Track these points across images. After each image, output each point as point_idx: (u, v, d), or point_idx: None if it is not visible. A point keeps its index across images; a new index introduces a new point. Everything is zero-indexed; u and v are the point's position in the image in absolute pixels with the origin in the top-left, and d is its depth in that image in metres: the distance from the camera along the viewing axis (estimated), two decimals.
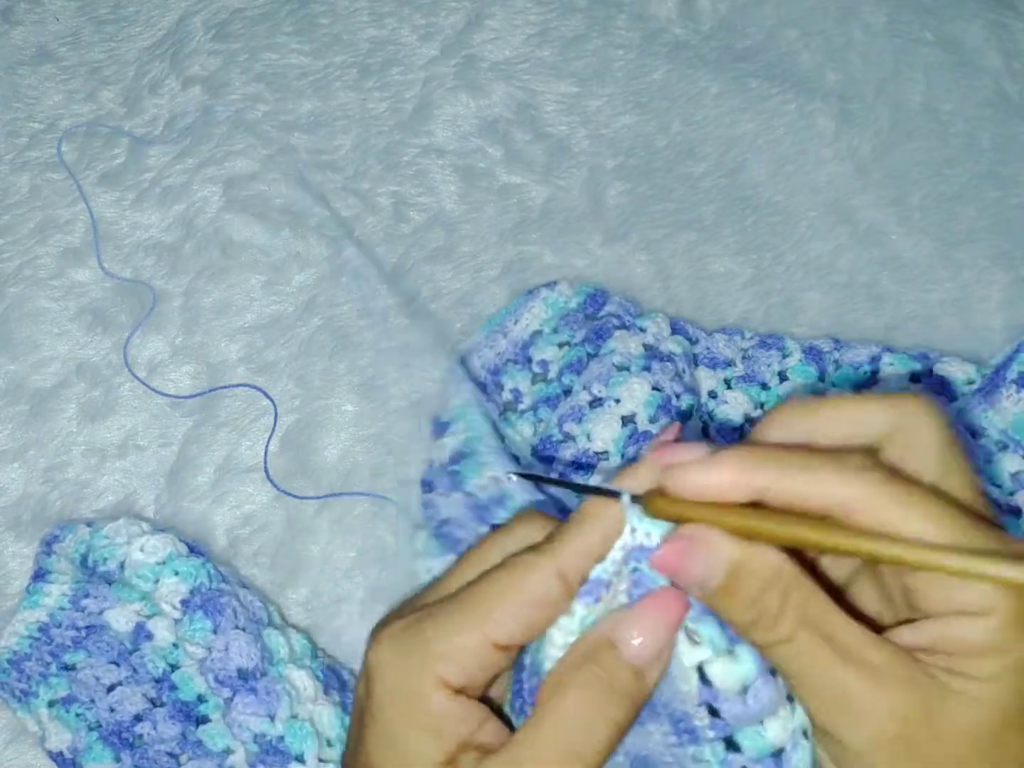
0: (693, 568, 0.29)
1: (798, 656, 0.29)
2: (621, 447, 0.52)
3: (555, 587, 0.31)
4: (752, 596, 0.29)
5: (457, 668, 0.30)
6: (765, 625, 0.29)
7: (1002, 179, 0.64)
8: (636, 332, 0.55)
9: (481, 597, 0.31)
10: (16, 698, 0.49)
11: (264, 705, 0.46)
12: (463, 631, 0.31)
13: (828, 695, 0.29)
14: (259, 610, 0.50)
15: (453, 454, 0.52)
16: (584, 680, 0.30)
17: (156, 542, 0.48)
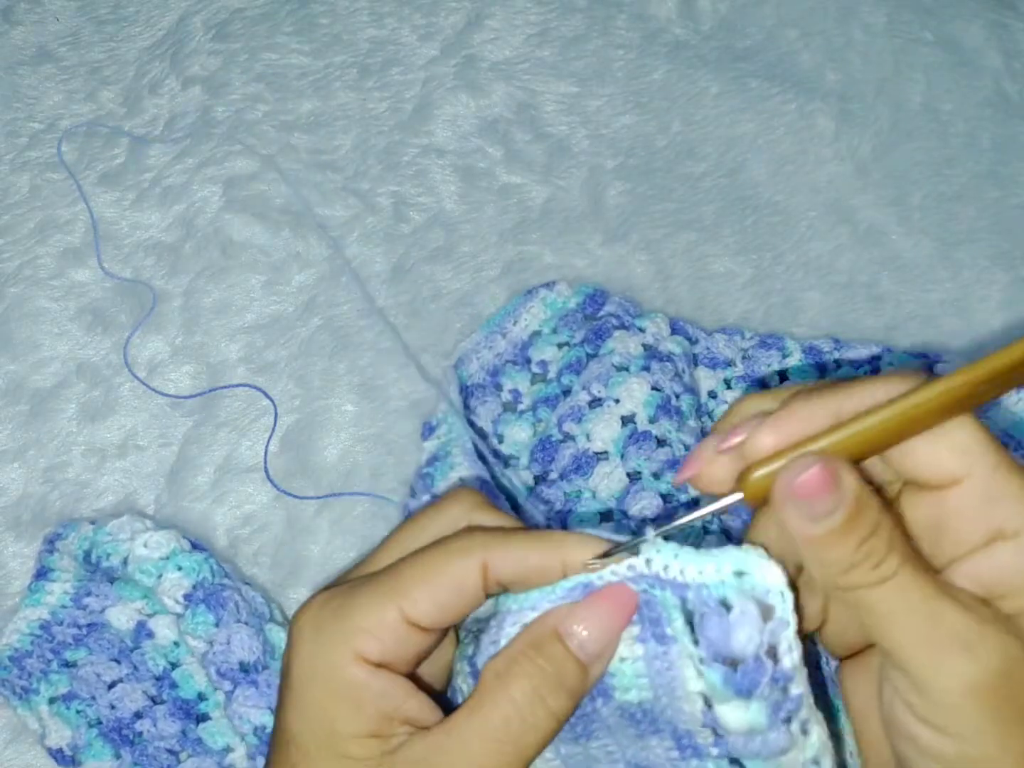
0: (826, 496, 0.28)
1: (901, 594, 0.28)
2: (621, 447, 0.52)
3: (476, 577, 0.31)
4: (865, 534, 0.28)
5: (374, 642, 0.31)
6: (871, 564, 0.28)
7: (1002, 179, 0.64)
8: (635, 332, 0.55)
9: (402, 575, 0.31)
10: (17, 695, 0.49)
11: (265, 698, 0.46)
12: (380, 606, 0.31)
13: (930, 633, 0.28)
14: (261, 605, 0.50)
15: (429, 457, 0.52)
16: (529, 670, 0.30)
17: (159, 538, 0.49)
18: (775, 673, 0.30)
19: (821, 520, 0.28)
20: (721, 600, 0.29)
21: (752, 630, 0.29)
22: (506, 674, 0.30)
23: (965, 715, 0.28)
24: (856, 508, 0.28)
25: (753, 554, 0.30)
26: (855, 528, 0.28)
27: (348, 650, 0.31)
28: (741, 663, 0.29)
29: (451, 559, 0.31)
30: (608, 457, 0.52)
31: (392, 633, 0.31)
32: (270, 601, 0.51)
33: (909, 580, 0.29)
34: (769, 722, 0.30)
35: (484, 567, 0.31)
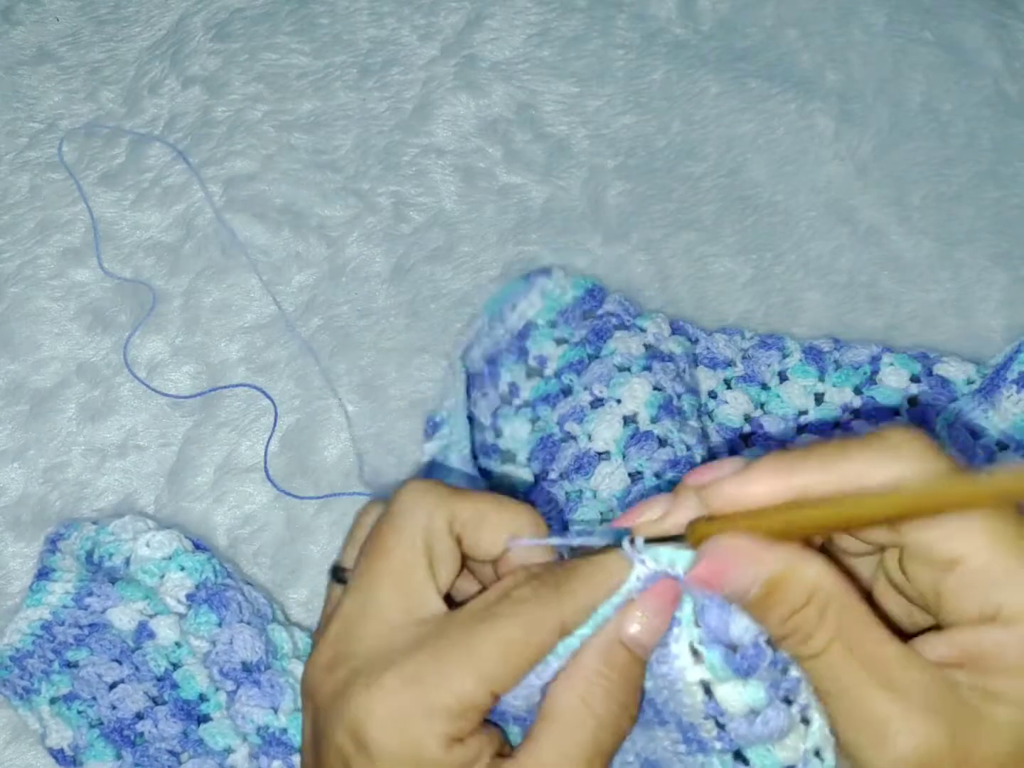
0: (730, 582, 0.29)
1: (829, 671, 0.29)
2: (622, 447, 0.52)
3: (554, 640, 0.31)
4: (788, 611, 0.28)
5: (462, 721, 0.30)
6: (799, 639, 0.29)
7: (1002, 179, 0.64)
8: (636, 332, 0.55)
9: (483, 646, 0.30)
10: (18, 695, 0.49)
11: (268, 697, 0.46)
12: (465, 682, 0.30)
13: (856, 715, 0.28)
14: (263, 605, 0.50)
15: (429, 460, 0.52)
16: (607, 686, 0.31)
17: (162, 538, 0.49)
18: (775, 658, 0.30)
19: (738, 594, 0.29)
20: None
21: (751, 619, 0.30)
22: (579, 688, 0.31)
23: None
24: (768, 590, 0.28)
25: None
26: (776, 604, 0.29)
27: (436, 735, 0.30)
28: (740, 648, 0.30)
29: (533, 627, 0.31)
30: (610, 457, 0.52)
31: (477, 710, 0.30)
32: (272, 601, 0.51)
33: (838, 662, 0.28)
34: (768, 698, 0.30)
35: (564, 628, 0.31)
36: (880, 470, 0.28)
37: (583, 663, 0.31)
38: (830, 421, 0.55)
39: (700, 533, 0.30)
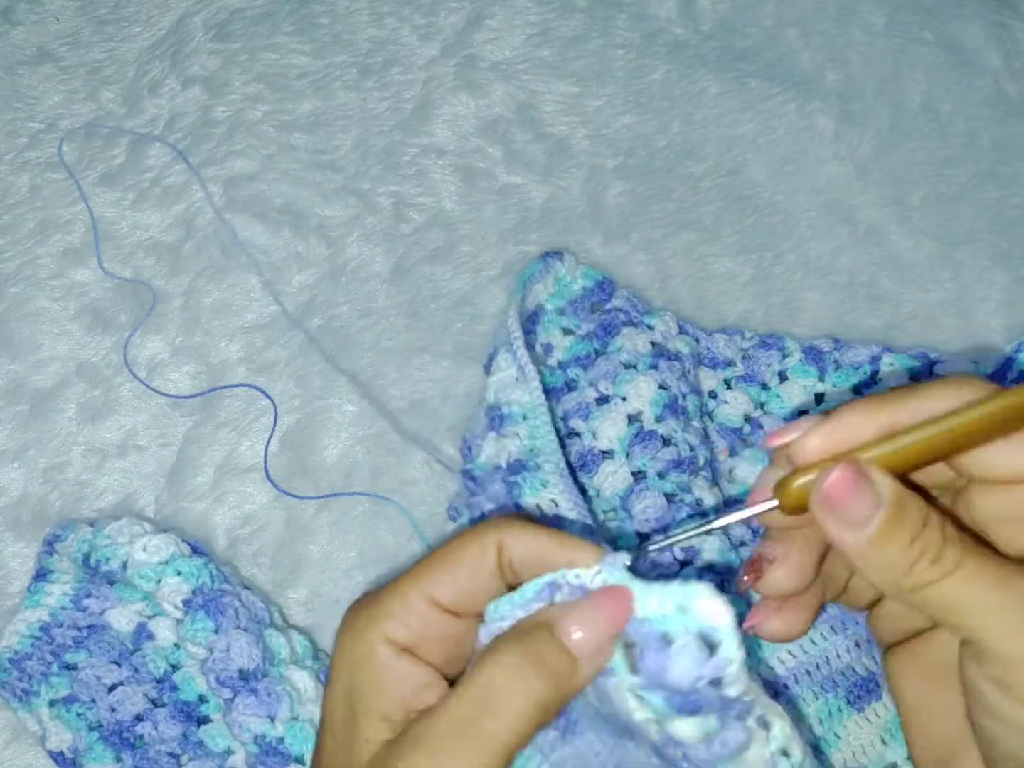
0: (861, 500, 0.28)
1: (972, 581, 0.28)
2: (626, 445, 0.51)
3: (491, 557, 0.32)
4: (913, 532, 0.28)
5: (400, 625, 0.32)
6: (928, 560, 0.28)
7: (1002, 179, 0.64)
8: (644, 329, 0.55)
9: (426, 561, 0.33)
10: (17, 697, 0.49)
11: (265, 706, 0.46)
12: (404, 590, 0.32)
13: (1008, 612, 0.28)
14: (261, 611, 0.50)
15: (512, 462, 0.50)
16: (512, 651, 0.30)
17: (158, 542, 0.49)
18: (719, 696, 0.29)
19: (861, 526, 0.28)
20: (662, 635, 0.29)
21: (690, 664, 0.29)
22: (491, 655, 0.30)
23: None
24: (896, 507, 0.28)
25: (700, 589, 0.29)
26: (901, 527, 0.28)
27: (376, 634, 0.32)
28: (680, 693, 0.29)
29: (467, 541, 0.33)
30: (613, 455, 0.52)
31: (417, 616, 0.32)
32: (269, 605, 0.51)
33: (975, 568, 0.28)
34: (721, 723, 0.30)
35: (499, 548, 0.32)
36: (954, 400, 0.28)
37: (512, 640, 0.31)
38: None
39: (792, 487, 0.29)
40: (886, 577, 0.29)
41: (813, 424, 0.30)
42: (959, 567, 0.28)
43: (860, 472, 0.28)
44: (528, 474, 0.49)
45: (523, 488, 0.49)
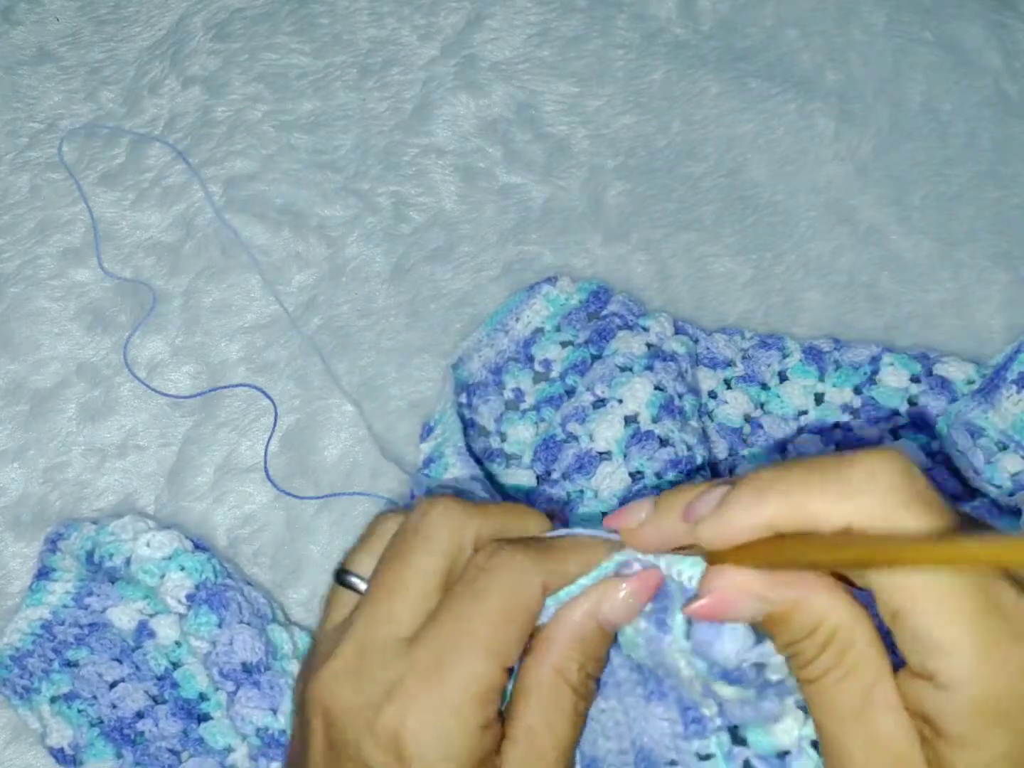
0: (734, 616, 0.29)
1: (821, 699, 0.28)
2: (623, 447, 0.52)
3: (541, 600, 0.31)
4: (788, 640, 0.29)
5: (487, 705, 0.30)
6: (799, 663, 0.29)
7: (1002, 179, 0.64)
8: (639, 332, 0.55)
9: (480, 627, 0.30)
10: (18, 694, 0.49)
11: (267, 699, 0.46)
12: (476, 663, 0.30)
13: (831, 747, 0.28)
14: (263, 606, 0.50)
15: (425, 459, 0.52)
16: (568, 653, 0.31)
17: (162, 538, 0.49)
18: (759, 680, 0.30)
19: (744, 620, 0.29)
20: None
21: (737, 645, 0.30)
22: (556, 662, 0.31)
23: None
24: (767, 622, 0.29)
25: None
26: (775, 634, 0.29)
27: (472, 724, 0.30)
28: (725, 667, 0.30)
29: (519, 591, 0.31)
30: (611, 457, 0.52)
31: (496, 689, 0.31)
32: (272, 601, 0.51)
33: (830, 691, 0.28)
34: (758, 694, 0.31)
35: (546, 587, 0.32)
36: (840, 509, 0.27)
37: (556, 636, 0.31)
38: (830, 421, 0.55)
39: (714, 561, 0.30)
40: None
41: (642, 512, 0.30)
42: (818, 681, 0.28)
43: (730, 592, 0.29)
44: (434, 464, 0.51)
45: (433, 476, 0.51)
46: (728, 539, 0.28)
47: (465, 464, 0.50)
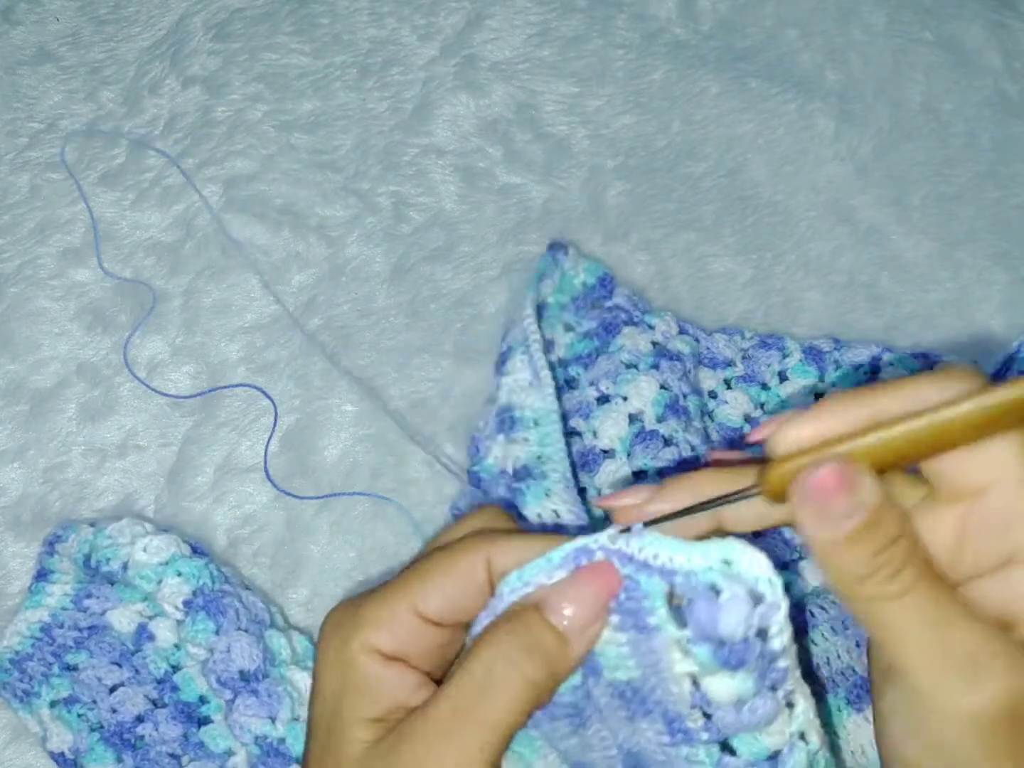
0: (842, 500, 0.28)
1: (917, 610, 0.28)
2: (627, 445, 0.51)
3: (481, 571, 0.32)
4: (882, 544, 0.28)
5: (386, 635, 0.32)
6: (885, 575, 0.28)
7: (1002, 179, 0.64)
8: (645, 329, 0.55)
9: (411, 573, 0.33)
10: (18, 698, 0.49)
11: (266, 707, 0.46)
12: (390, 601, 0.32)
13: (942, 655, 0.28)
14: (261, 611, 0.50)
15: (519, 468, 0.50)
16: (501, 637, 0.31)
17: (159, 542, 0.49)
18: (763, 650, 0.30)
19: (837, 524, 0.28)
20: (710, 585, 0.29)
21: (741, 613, 0.29)
22: (481, 642, 0.31)
23: (962, 746, 0.27)
24: (875, 515, 0.28)
25: (739, 544, 0.30)
26: (873, 536, 0.28)
27: (361, 641, 0.32)
28: (729, 643, 0.30)
29: (456, 555, 0.33)
30: (614, 455, 0.52)
31: (403, 627, 0.32)
32: (270, 605, 0.51)
33: (925, 598, 0.28)
34: (756, 687, 0.30)
35: (488, 563, 0.32)
36: (946, 391, 0.27)
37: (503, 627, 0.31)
38: None
39: (775, 474, 0.29)
40: (840, 579, 0.29)
41: (793, 416, 0.29)
42: (909, 594, 0.28)
43: (848, 472, 0.28)
44: (533, 482, 0.49)
45: (526, 496, 0.49)
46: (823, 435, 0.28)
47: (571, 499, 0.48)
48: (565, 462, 0.50)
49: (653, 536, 0.30)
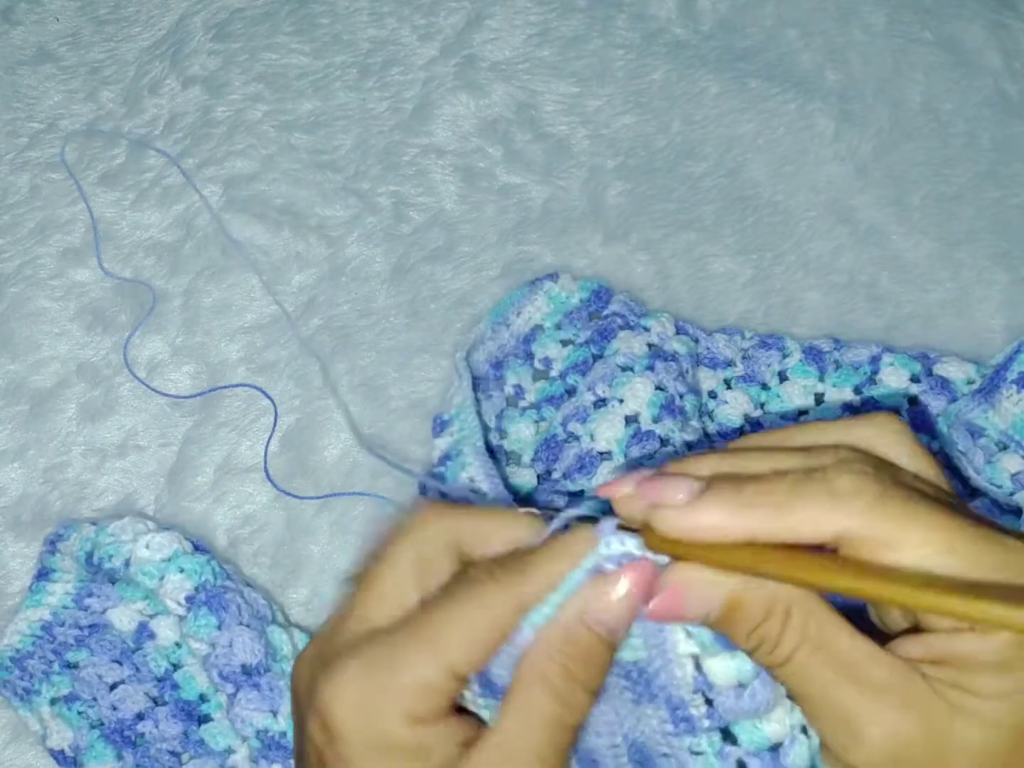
0: (689, 610, 0.29)
1: (799, 675, 0.29)
2: (624, 447, 0.52)
3: (514, 619, 0.31)
4: (751, 626, 0.29)
5: (424, 702, 0.30)
6: (766, 650, 0.29)
7: (1002, 179, 0.64)
8: (640, 332, 0.55)
9: (441, 629, 0.30)
10: (18, 696, 0.49)
11: (267, 701, 0.46)
12: (425, 665, 0.30)
13: (829, 713, 0.29)
14: (263, 607, 0.50)
15: (441, 456, 0.52)
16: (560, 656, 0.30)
17: (161, 539, 0.49)
18: None
19: (701, 617, 0.29)
20: None
21: None
22: (539, 664, 0.30)
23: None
24: (728, 610, 0.29)
25: None
26: (737, 623, 0.29)
27: (399, 714, 0.30)
28: None
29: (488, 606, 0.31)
30: (611, 457, 0.52)
31: (438, 691, 0.30)
32: (272, 602, 0.51)
33: (805, 663, 0.28)
34: (755, 671, 0.31)
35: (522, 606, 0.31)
36: (831, 525, 0.27)
37: (544, 640, 0.31)
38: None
39: (653, 542, 0.30)
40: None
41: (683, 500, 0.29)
42: (787, 664, 0.29)
43: (681, 593, 0.29)
44: (451, 462, 0.51)
45: (445, 476, 0.50)
46: (699, 533, 0.29)
47: (483, 464, 0.50)
48: (477, 433, 0.51)
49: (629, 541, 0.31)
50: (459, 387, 0.54)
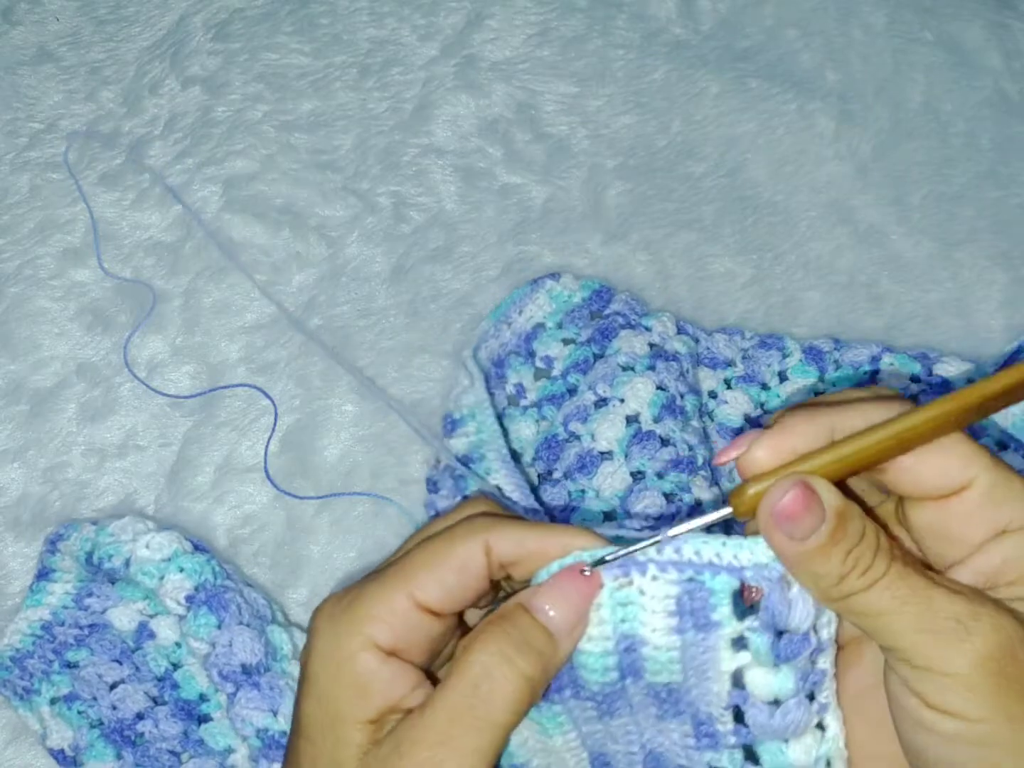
0: (807, 517, 0.30)
1: (894, 589, 0.29)
2: (625, 447, 0.52)
3: (480, 558, 0.32)
4: (851, 544, 0.30)
5: (384, 628, 0.31)
6: (860, 570, 0.29)
7: (1002, 179, 0.64)
8: (641, 331, 0.55)
9: (408, 562, 0.32)
10: (18, 695, 0.49)
11: (267, 700, 0.46)
12: (388, 592, 0.32)
13: (927, 623, 0.29)
14: (263, 607, 0.50)
15: (460, 457, 0.52)
16: (493, 636, 0.31)
17: (161, 539, 0.49)
18: (816, 645, 0.31)
19: (804, 541, 0.30)
20: (782, 576, 0.31)
21: (809, 604, 0.31)
22: (472, 641, 0.31)
23: (971, 696, 0.29)
24: (839, 523, 0.30)
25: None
26: (840, 541, 0.30)
27: (359, 638, 0.31)
28: (793, 634, 0.31)
29: (454, 542, 0.32)
30: (612, 456, 0.52)
31: (402, 618, 0.32)
32: (272, 602, 0.51)
33: (898, 577, 0.30)
34: (795, 688, 0.31)
35: (487, 548, 0.32)
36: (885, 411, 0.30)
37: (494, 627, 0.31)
38: None
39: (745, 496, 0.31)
40: (817, 586, 0.30)
41: (757, 437, 0.31)
42: (884, 577, 0.30)
43: (808, 490, 0.30)
44: (473, 466, 0.51)
45: (469, 480, 0.50)
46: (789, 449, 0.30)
47: (510, 473, 0.50)
48: (500, 440, 0.52)
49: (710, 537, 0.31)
50: (470, 386, 0.54)
